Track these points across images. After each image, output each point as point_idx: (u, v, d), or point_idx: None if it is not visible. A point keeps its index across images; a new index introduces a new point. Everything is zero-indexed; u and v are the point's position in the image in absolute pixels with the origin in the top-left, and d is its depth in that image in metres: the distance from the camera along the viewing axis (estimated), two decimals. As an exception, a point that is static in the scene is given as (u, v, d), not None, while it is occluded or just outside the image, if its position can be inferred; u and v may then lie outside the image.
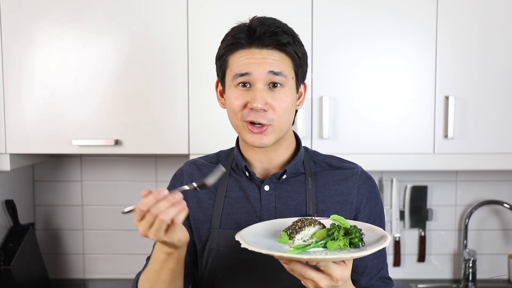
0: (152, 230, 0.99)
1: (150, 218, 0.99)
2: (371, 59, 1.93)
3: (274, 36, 1.15)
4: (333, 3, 1.91)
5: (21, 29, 1.90)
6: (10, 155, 1.93)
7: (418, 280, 2.33)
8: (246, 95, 1.15)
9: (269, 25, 1.16)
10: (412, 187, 2.33)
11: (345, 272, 1.00)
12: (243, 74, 1.14)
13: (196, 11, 1.91)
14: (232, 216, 1.24)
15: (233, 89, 1.17)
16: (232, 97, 1.17)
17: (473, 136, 1.94)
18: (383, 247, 1.02)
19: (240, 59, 1.16)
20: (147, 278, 1.17)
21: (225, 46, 1.18)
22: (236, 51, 1.16)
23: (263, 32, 1.14)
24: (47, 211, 2.35)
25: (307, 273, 0.99)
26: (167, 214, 0.98)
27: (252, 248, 0.98)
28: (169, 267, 1.11)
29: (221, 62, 1.20)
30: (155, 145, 1.94)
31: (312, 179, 1.25)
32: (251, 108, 1.14)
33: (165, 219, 0.98)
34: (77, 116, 1.93)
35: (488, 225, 2.35)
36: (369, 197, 1.26)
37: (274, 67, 1.15)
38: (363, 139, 1.94)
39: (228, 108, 1.20)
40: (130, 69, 1.92)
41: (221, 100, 1.26)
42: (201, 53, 1.92)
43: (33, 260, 2.18)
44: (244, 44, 1.15)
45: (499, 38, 1.92)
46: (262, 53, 1.15)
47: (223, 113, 1.94)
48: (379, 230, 1.08)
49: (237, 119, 1.18)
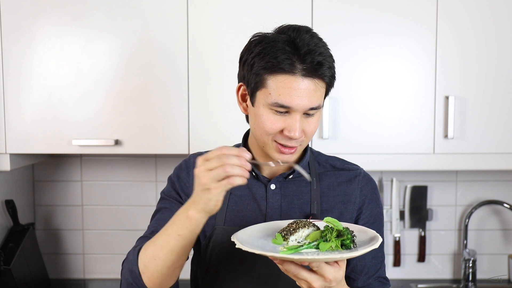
0: (210, 174, 0.98)
1: (215, 163, 0.98)
2: (371, 59, 1.93)
3: (321, 68, 1.11)
4: (333, 3, 1.91)
5: (21, 29, 1.90)
6: (10, 155, 1.93)
7: (418, 280, 2.33)
8: (283, 121, 1.14)
9: (315, 52, 1.11)
10: (412, 187, 2.33)
11: (338, 273, 1.02)
12: (285, 106, 1.12)
13: (196, 11, 1.91)
14: (237, 213, 1.25)
15: (268, 111, 1.14)
16: (266, 119, 1.14)
17: (473, 136, 1.95)
18: (377, 248, 1.04)
19: (282, 87, 1.11)
20: (154, 243, 1.12)
21: (264, 63, 1.11)
22: (277, 74, 1.11)
23: (309, 62, 1.10)
24: (47, 211, 2.35)
25: (300, 273, 1.01)
26: (232, 168, 0.98)
27: (246, 248, 1.00)
28: (181, 234, 1.07)
29: (255, 76, 1.14)
30: (155, 145, 1.94)
31: (317, 180, 1.27)
32: (287, 135, 1.14)
33: (227, 171, 0.97)
34: (77, 116, 1.93)
35: (488, 225, 2.35)
36: (371, 199, 1.30)
37: (314, 102, 1.13)
38: (363, 139, 1.94)
39: (257, 125, 1.17)
40: (130, 69, 1.92)
41: (243, 105, 1.23)
42: (201, 53, 1.92)
43: (33, 260, 2.18)
44: (288, 70, 1.10)
45: (499, 38, 1.92)
46: (304, 83, 1.11)
47: (222, 113, 1.95)
48: (371, 232, 1.11)
49: (267, 138, 1.17)
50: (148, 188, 2.33)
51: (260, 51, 1.13)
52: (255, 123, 1.18)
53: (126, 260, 1.18)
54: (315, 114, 1.16)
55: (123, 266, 1.19)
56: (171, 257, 1.09)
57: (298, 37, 1.11)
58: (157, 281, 1.13)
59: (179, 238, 1.07)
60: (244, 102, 1.22)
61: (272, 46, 1.12)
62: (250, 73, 1.15)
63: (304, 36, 1.12)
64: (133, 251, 1.17)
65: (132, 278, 1.14)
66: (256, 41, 1.16)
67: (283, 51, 1.10)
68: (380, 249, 1.29)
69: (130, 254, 1.17)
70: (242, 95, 1.22)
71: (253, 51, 1.14)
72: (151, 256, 1.11)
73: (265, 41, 1.13)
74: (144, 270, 1.12)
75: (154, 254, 1.11)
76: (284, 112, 1.13)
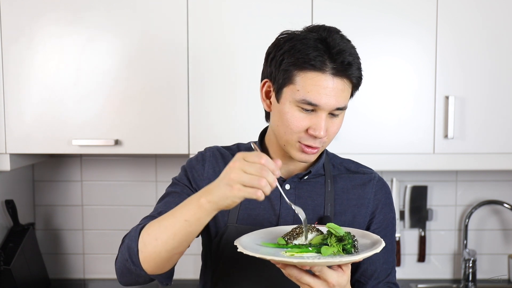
0: (243, 175, 0.97)
1: (253, 171, 0.96)
2: (371, 59, 1.92)
3: (350, 68, 1.12)
4: (333, 3, 1.91)
5: (21, 29, 1.90)
6: (10, 155, 1.93)
7: (418, 280, 2.33)
8: (309, 120, 1.13)
9: (346, 52, 1.11)
10: (412, 187, 2.33)
11: (341, 278, 1.02)
12: (312, 104, 1.12)
13: (196, 11, 1.91)
14: (250, 212, 1.25)
15: (295, 108, 1.14)
16: (292, 117, 1.14)
17: (473, 136, 1.95)
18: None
19: (310, 84, 1.11)
20: (159, 224, 1.10)
21: (294, 59, 1.12)
22: (307, 71, 1.11)
23: (340, 62, 1.11)
24: (47, 211, 2.35)
25: (303, 278, 1.01)
26: (266, 185, 0.96)
27: (247, 252, 1.00)
28: (188, 219, 1.05)
29: (283, 72, 1.14)
30: (155, 145, 1.94)
31: (331, 182, 1.27)
32: (312, 134, 1.13)
33: (261, 184, 0.96)
34: (77, 116, 1.93)
35: (488, 225, 2.35)
36: (385, 203, 1.30)
37: (341, 102, 1.13)
38: (363, 139, 1.94)
39: (282, 123, 1.17)
40: (130, 69, 1.92)
41: (266, 102, 1.23)
42: (201, 53, 1.92)
43: (33, 260, 2.18)
44: (318, 68, 1.10)
45: (499, 38, 1.92)
46: (334, 81, 1.11)
47: (223, 113, 1.95)
48: (374, 237, 1.11)
49: (292, 138, 1.16)
50: (148, 188, 2.33)
51: (291, 47, 1.13)
52: (279, 120, 1.18)
53: (128, 235, 1.16)
54: (339, 114, 1.16)
55: (123, 240, 1.17)
56: (173, 241, 1.07)
57: (329, 37, 1.12)
58: (153, 262, 1.11)
59: (185, 224, 1.05)
60: (268, 99, 1.22)
61: (303, 43, 1.12)
62: (278, 69, 1.15)
63: (335, 36, 1.13)
64: (136, 228, 1.15)
65: (129, 254, 1.13)
66: (285, 38, 1.16)
67: (315, 48, 1.11)
68: (391, 255, 1.29)
69: (132, 231, 1.16)
70: (267, 92, 1.22)
71: (282, 47, 1.15)
72: (153, 235, 1.09)
73: (295, 38, 1.14)
74: (143, 249, 1.11)
75: (156, 234, 1.09)
76: (311, 110, 1.13)
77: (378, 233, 1.26)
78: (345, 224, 1.24)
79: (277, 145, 1.24)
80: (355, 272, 1.28)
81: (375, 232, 1.26)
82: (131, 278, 1.17)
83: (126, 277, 1.18)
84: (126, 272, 1.16)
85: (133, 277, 1.16)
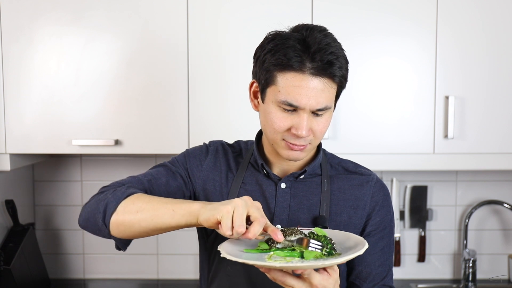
0: (242, 215, 1.00)
1: (258, 219, 1.01)
2: (371, 59, 1.93)
3: (331, 67, 1.10)
4: (333, 3, 1.91)
5: (21, 29, 1.90)
6: (10, 155, 1.93)
7: (418, 280, 2.33)
8: (291, 119, 1.14)
9: (326, 51, 1.10)
10: (412, 187, 2.33)
11: (326, 281, 1.03)
12: (293, 105, 1.12)
13: (196, 11, 1.91)
14: None
15: (276, 108, 1.14)
16: (275, 117, 1.15)
17: (473, 136, 1.95)
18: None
19: (290, 85, 1.11)
20: (148, 201, 1.12)
21: (274, 60, 1.12)
22: (286, 72, 1.11)
23: (319, 60, 1.09)
24: (47, 211, 2.35)
25: (287, 280, 1.02)
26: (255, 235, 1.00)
27: (229, 257, 1.01)
28: (175, 210, 1.08)
29: (265, 73, 1.14)
30: (155, 145, 1.94)
31: (328, 182, 1.27)
32: (294, 134, 1.14)
33: (254, 233, 1.00)
34: (77, 116, 1.93)
35: (488, 225, 2.35)
36: (382, 205, 1.28)
37: (322, 103, 1.12)
38: (363, 139, 1.94)
39: (267, 123, 1.18)
40: (130, 69, 1.92)
41: (254, 102, 1.23)
42: (201, 53, 1.92)
43: (33, 260, 2.18)
44: (297, 68, 1.10)
45: (499, 37, 1.92)
46: (313, 82, 1.10)
47: (222, 113, 1.95)
48: (358, 238, 1.10)
49: (277, 137, 1.17)
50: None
51: (272, 48, 1.13)
52: (264, 120, 1.19)
53: (110, 189, 1.18)
54: (324, 114, 1.15)
55: (102, 190, 1.19)
56: (151, 222, 1.10)
57: (310, 36, 1.11)
58: (122, 227, 1.12)
59: (170, 214, 1.08)
60: (256, 99, 1.23)
61: (283, 43, 1.12)
62: (261, 69, 1.16)
63: (317, 35, 1.11)
64: (124, 189, 1.16)
65: (104, 209, 1.14)
66: (269, 38, 1.16)
67: (293, 49, 1.10)
68: (388, 257, 1.29)
69: (119, 190, 1.16)
70: (254, 92, 1.22)
71: (266, 47, 1.15)
72: (136, 207, 1.11)
73: (277, 39, 1.14)
74: (120, 212, 1.12)
75: (140, 208, 1.11)
76: (292, 110, 1.13)
77: (374, 235, 1.26)
78: (341, 225, 1.24)
79: (270, 146, 1.24)
80: (350, 274, 1.28)
81: (371, 234, 1.26)
82: (92, 227, 1.18)
83: (88, 223, 1.19)
84: (92, 220, 1.17)
85: (94, 228, 1.18)
